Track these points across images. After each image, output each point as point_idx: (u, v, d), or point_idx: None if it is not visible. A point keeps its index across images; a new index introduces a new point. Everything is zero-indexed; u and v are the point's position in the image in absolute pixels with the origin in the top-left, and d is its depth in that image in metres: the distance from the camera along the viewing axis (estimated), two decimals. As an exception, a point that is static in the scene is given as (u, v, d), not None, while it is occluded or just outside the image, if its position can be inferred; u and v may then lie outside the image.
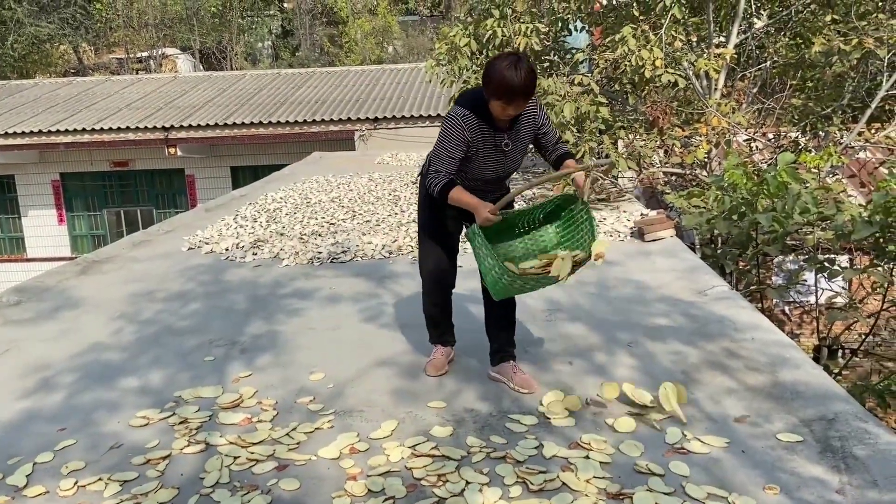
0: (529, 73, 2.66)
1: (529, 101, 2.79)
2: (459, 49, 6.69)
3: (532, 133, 2.93)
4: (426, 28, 25.51)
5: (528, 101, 2.70)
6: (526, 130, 2.90)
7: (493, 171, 2.92)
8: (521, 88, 2.63)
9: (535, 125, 2.91)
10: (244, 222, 6.58)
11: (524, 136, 2.92)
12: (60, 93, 15.93)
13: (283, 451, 2.53)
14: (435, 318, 3.23)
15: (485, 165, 2.89)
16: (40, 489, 2.36)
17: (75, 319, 4.15)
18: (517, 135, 2.89)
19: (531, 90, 2.68)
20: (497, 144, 2.86)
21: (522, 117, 2.87)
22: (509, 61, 2.66)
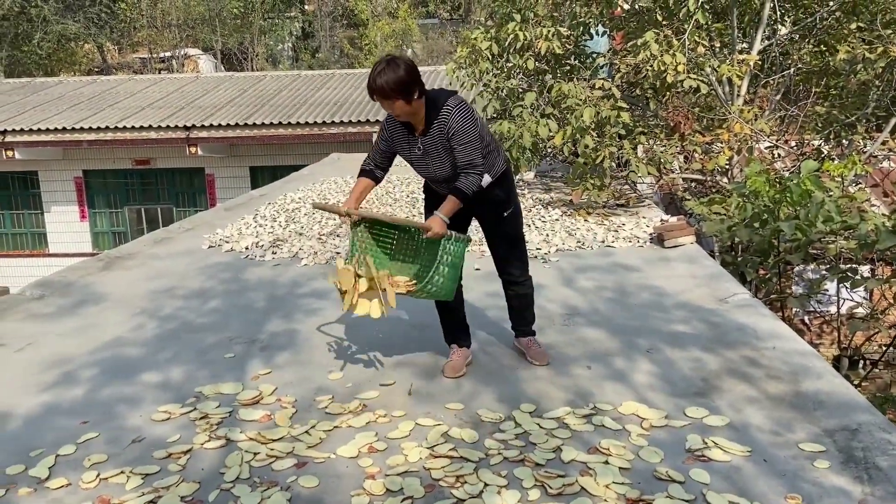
0: (380, 69, 2.75)
1: (445, 111, 2.85)
2: (480, 52, 6.69)
3: (446, 143, 2.89)
4: (446, 31, 25.56)
5: (386, 100, 2.77)
6: (439, 140, 2.90)
7: (423, 172, 3.06)
8: (369, 82, 2.77)
9: (444, 136, 2.88)
10: (263, 222, 6.62)
11: (438, 145, 2.92)
12: (84, 91, 16.12)
13: (302, 448, 2.54)
14: (445, 320, 3.30)
15: (413, 165, 3.07)
16: (62, 481, 2.38)
17: (97, 315, 4.19)
18: (431, 140, 2.93)
19: (379, 85, 2.73)
20: (411, 146, 3.00)
21: (436, 124, 2.88)
22: (378, 62, 2.82)
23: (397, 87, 2.74)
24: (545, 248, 5.20)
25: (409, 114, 2.86)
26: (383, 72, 2.74)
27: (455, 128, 2.85)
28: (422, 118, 2.90)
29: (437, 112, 2.88)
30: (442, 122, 2.87)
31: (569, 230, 5.66)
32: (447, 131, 2.86)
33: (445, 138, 2.88)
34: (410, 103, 2.81)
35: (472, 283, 4.48)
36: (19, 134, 13.49)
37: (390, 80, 2.73)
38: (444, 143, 2.90)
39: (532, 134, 6.04)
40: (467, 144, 2.86)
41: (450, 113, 2.86)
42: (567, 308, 3.98)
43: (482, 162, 2.91)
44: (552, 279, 4.53)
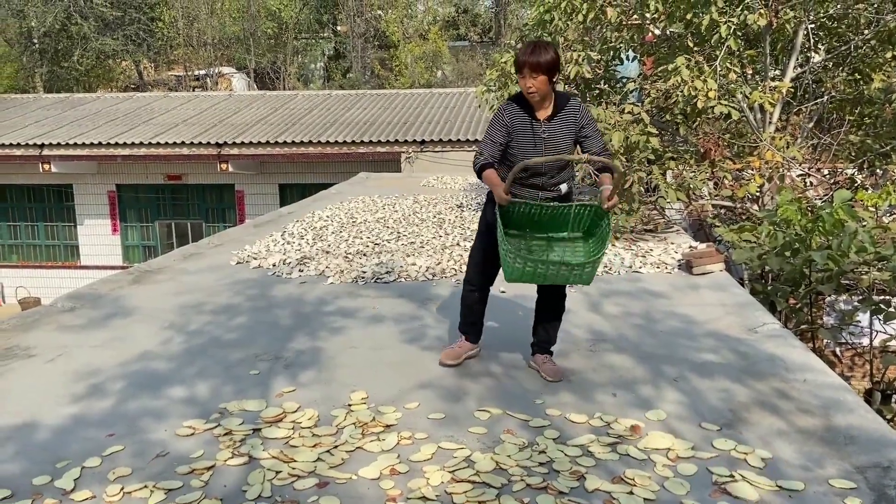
0: (537, 47, 3.04)
1: (574, 103, 3.17)
2: (510, 76, 6.72)
3: (573, 132, 3.17)
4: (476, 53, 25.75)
5: (536, 71, 3.01)
6: (567, 127, 3.16)
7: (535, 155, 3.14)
8: (523, 57, 3.04)
9: (576, 124, 3.16)
10: (291, 239, 6.68)
11: (564, 132, 3.16)
12: (121, 107, 16.49)
13: (324, 468, 2.54)
14: (469, 304, 3.47)
15: (525, 152, 3.15)
16: (87, 493, 2.40)
17: (126, 328, 4.25)
18: (556, 127, 3.15)
19: (536, 59, 3.00)
20: (535, 132, 3.14)
21: (564, 113, 3.15)
22: (529, 43, 3.12)
23: (548, 64, 3.04)
24: (571, 272, 5.17)
25: (543, 93, 3.09)
26: (537, 49, 3.05)
27: (589, 116, 3.20)
28: (549, 104, 3.15)
29: (566, 103, 3.18)
30: (572, 111, 3.16)
31: (596, 255, 5.63)
32: (579, 120, 3.16)
33: (574, 127, 3.16)
34: (550, 83, 3.09)
35: (498, 305, 4.47)
36: (56, 148, 13.83)
37: (545, 56, 3.03)
38: (570, 131, 3.16)
39: (560, 157, 6.04)
40: (599, 132, 3.24)
41: (579, 105, 3.21)
42: (593, 333, 3.94)
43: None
44: (578, 303, 4.50)
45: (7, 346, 3.85)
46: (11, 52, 22.09)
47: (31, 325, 4.29)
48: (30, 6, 19.82)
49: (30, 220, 15.86)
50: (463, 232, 6.64)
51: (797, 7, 6.41)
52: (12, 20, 20.62)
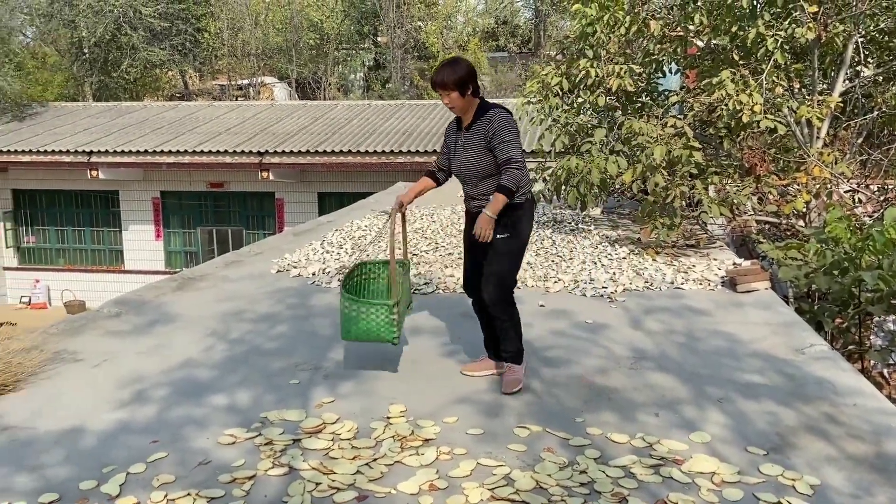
0: (445, 66, 3.22)
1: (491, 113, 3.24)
2: (550, 88, 6.71)
3: (483, 141, 3.25)
4: (514, 64, 25.75)
5: (444, 89, 3.19)
6: (478, 136, 3.27)
7: (456, 164, 3.38)
8: (433, 76, 3.26)
9: (485, 134, 3.23)
10: (330, 248, 6.74)
11: (475, 141, 3.28)
12: (166, 116, 16.87)
13: (363, 481, 2.54)
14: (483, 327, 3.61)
15: (452, 159, 3.41)
16: (132, 499, 2.44)
17: (170, 334, 4.32)
18: (470, 136, 3.30)
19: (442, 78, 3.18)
20: (456, 138, 3.39)
21: (479, 122, 3.27)
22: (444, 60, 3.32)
23: (455, 81, 3.19)
24: (611, 286, 5.11)
25: (461, 108, 3.28)
26: (446, 67, 3.23)
27: (496, 127, 3.21)
28: (471, 115, 3.30)
29: (485, 111, 3.28)
30: (486, 120, 3.24)
31: (636, 269, 5.56)
32: (489, 129, 3.22)
33: (485, 136, 3.23)
34: (464, 97, 3.24)
35: (537, 319, 4.44)
36: (104, 155, 14.20)
37: (450, 75, 3.19)
38: (480, 140, 3.25)
39: (600, 170, 5.99)
40: (506, 142, 3.19)
41: (495, 114, 3.24)
42: (634, 350, 3.89)
43: (521, 158, 3.22)
44: (618, 319, 4.44)
45: (56, 349, 3.95)
46: (63, 62, 22.79)
47: (79, 329, 4.40)
48: (81, 17, 20.43)
49: (77, 224, 16.29)
50: (501, 244, 6.61)
51: (847, 21, 6.27)
52: (64, 30, 21.28)
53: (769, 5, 6.27)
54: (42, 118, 16.83)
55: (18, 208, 16.21)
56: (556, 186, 6.53)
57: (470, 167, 3.32)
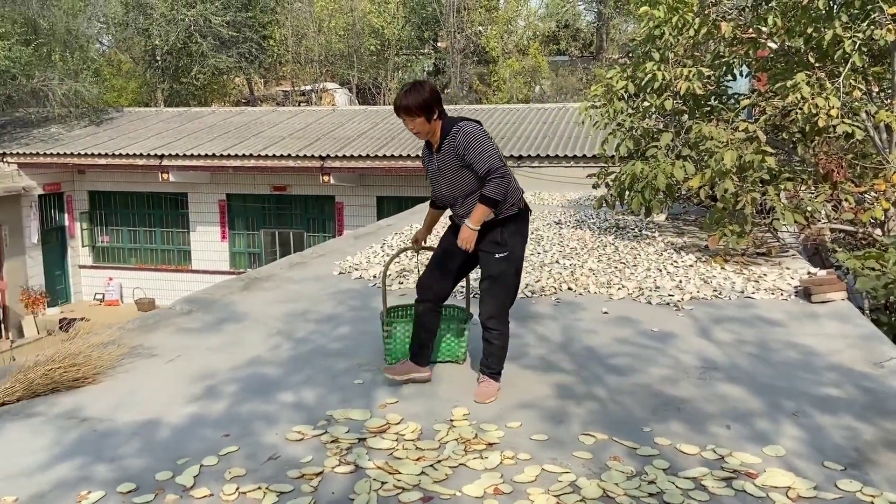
0: (409, 91, 3.13)
1: (454, 129, 3.15)
2: (615, 91, 6.62)
3: (456, 159, 3.17)
4: (576, 68, 25.51)
5: (408, 114, 3.13)
6: (450, 154, 3.19)
7: (437, 189, 3.33)
8: (396, 102, 3.17)
9: (456, 151, 3.16)
10: (391, 251, 6.81)
11: (448, 160, 3.20)
12: (233, 121, 17.35)
13: (428, 482, 2.55)
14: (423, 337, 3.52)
15: (432, 184, 3.36)
16: (205, 491, 2.51)
17: (238, 332, 4.44)
18: (443, 156, 3.22)
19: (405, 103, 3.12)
20: (430, 162, 3.32)
21: (447, 141, 3.18)
22: (405, 84, 3.20)
23: (419, 106, 3.11)
24: (678, 294, 5.00)
25: (427, 132, 3.20)
26: (410, 92, 3.14)
27: (464, 142, 3.12)
28: (438, 136, 3.22)
29: (449, 131, 3.20)
30: (451, 138, 3.16)
31: (704, 277, 5.43)
32: (457, 146, 3.14)
33: (456, 154, 3.15)
34: (430, 122, 3.17)
35: (600, 326, 4.38)
36: (174, 158, 14.69)
37: (415, 100, 3.11)
38: (454, 159, 3.17)
39: (667, 175, 5.87)
40: (481, 153, 3.11)
41: (459, 130, 3.16)
42: (703, 361, 3.79)
43: (502, 165, 3.12)
44: (685, 328, 4.34)
45: (132, 345, 4.10)
46: (137, 69, 23.71)
47: (153, 326, 4.55)
48: (154, 26, 21.22)
49: (148, 225, 16.90)
50: (562, 249, 6.55)
51: (931, 20, 5.99)
52: (138, 39, 22.14)
53: (846, 6, 6.05)
54: (117, 123, 17.53)
55: (94, 209, 16.91)
56: (619, 192, 6.44)
57: (450, 188, 3.25)
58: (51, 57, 17.37)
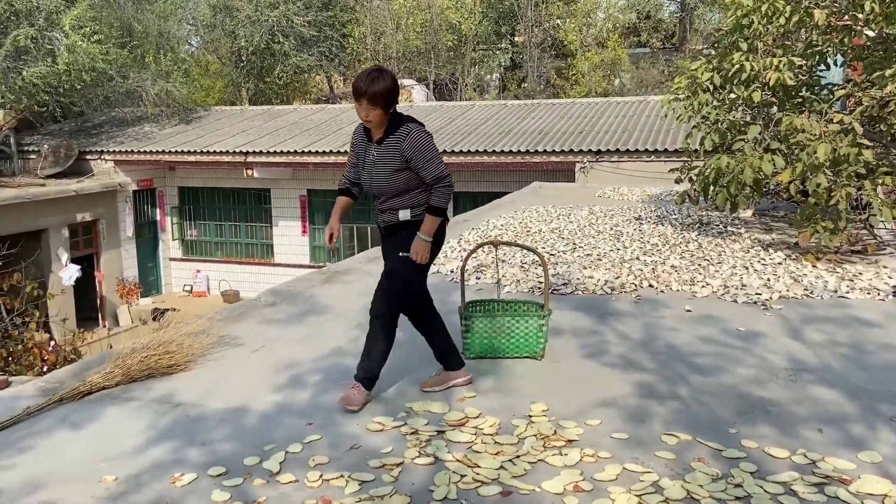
0: (376, 78, 2.97)
1: (406, 128, 3.06)
2: (700, 83, 6.41)
3: (398, 158, 3.07)
4: (657, 61, 24.84)
5: (372, 103, 2.97)
6: (392, 152, 3.08)
7: (367, 181, 3.20)
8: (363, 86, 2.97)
9: (400, 149, 3.06)
10: (467, 246, 6.82)
11: (389, 157, 3.09)
12: (314, 118, 17.77)
13: (507, 477, 2.55)
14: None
15: (362, 174, 3.22)
16: (291, 477, 2.60)
17: (320, 324, 4.56)
18: (384, 150, 3.10)
19: (372, 90, 2.95)
20: (367, 151, 3.18)
21: (392, 137, 3.08)
22: (369, 68, 3.06)
23: (385, 95, 3.00)
24: (766, 293, 4.81)
25: (379, 123, 3.09)
26: (378, 80, 2.99)
27: (416, 146, 3.05)
28: (383, 128, 3.11)
29: (398, 126, 3.09)
30: (401, 136, 3.07)
31: (794, 276, 5.21)
32: (404, 149, 3.05)
33: (401, 155, 3.06)
34: (386, 113, 3.07)
35: (683, 324, 4.28)
36: (258, 155, 15.17)
37: (382, 89, 2.98)
38: (397, 159, 3.07)
39: (754, 170, 5.65)
40: (430, 160, 3.06)
41: (410, 130, 3.07)
42: (793, 362, 3.64)
43: (449, 174, 3.10)
44: (774, 328, 4.18)
45: (221, 334, 4.27)
46: (223, 70, 24.61)
47: (239, 317, 4.73)
48: (240, 27, 21.96)
49: (233, 220, 17.53)
50: (643, 245, 6.42)
51: None
52: (225, 40, 22.97)
53: (954, -12, 5.66)
54: (205, 121, 18.24)
55: (184, 204, 17.67)
56: (703, 187, 6.24)
57: (382, 184, 3.14)
58: (144, 59, 18.22)
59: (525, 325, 3.73)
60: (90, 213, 15.16)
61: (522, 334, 3.74)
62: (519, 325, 3.73)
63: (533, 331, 3.73)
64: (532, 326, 3.73)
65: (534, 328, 3.73)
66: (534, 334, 3.73)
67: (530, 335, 3.74)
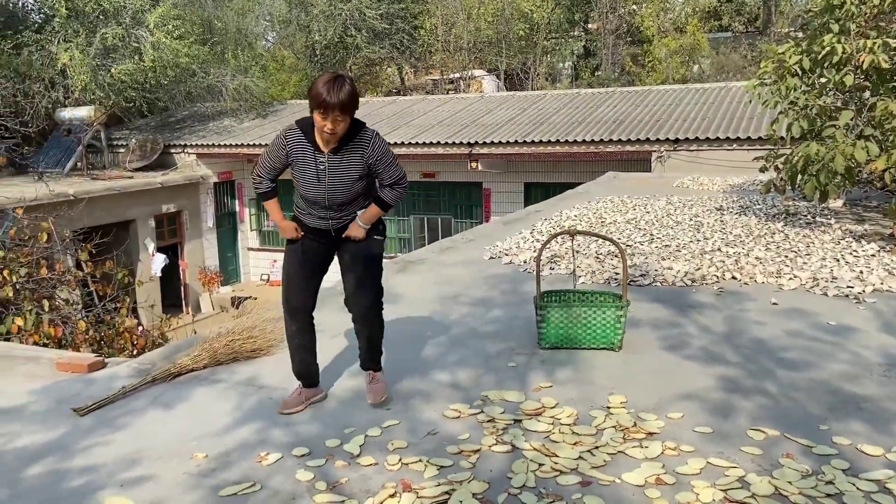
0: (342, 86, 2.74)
1: (367, 135, 2.92)
2: (788, 67, 6.14)
3: (361, 165, 2.93)
4: (739, 45, 23.91)
5: (343, 112, 2.76)
6: (354, 160, 2.92)
7: (314, 192, 2.96)
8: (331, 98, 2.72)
9: (365, 156, 2.93)
10: (540, 237, 6.77)
11: (350, 164, 2.93)
12: (385, 110, 17.96)
13: (586, 467, 2.53)
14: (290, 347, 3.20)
15: (306, 184, 2.96)
16: (371, 460, 2.65)
17: (394, 313, 4.60)
18: (341, 158, 2.92)
19: (343, 100, 2.73)
20: (315, 162, 2.92)
21: (352, 144, 2.91)
22: (329, 76, 2.81)
23: (356, 102, 2.80)
24: (858, 286, 4.59)
25: (343, 131, 2.87)
26: (343, 87, 2.76)
27: (380, 151, 2.95)
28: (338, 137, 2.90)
29: (356, 133, 2.93)
30: (363, 143, 2.92)
31: (889, 268, 4.94)
32: (370, 155, 2.93)
33: (364, 161, 2.93)
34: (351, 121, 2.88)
35: (770, 318, 4.13)
36: (332, 147, 15.48)
37: (351, 96, 2.77)
38: (357, 163, 2.93)
39: (846, 157, 5.38)
40: (392, 163, 2.99)
41: (372, 137, 2.95)
42: (888, 357, 3.46)
43: (405, 175, 3.05)
44: (867, 322, 3.98)
45: (300, 320, 4.37)
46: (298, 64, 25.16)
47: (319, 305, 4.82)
48: (314, 22, 22.40)
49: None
50: (724, 236, 6.22)
51: None
52: (300, 35, 23.47)
53: None
54: (281, 115, 18.70)
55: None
56: (790, 175, 5.98)
57: (343, 194, 2.96)
58: (224, 55, 18.81)
59: (602, 316, 3.68)
60: (174, 205, 15.80)
61: (600, 325, 3.69)
62: (596, 315, 3.68)
63: (611, 321, 3.67)
64: (610, 317, 3.67)
65: (611, 319, 3.67)
66: (611, 325, 3.68)
67: (608, 326, 3.68)
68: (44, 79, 15.32)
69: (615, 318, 3.67)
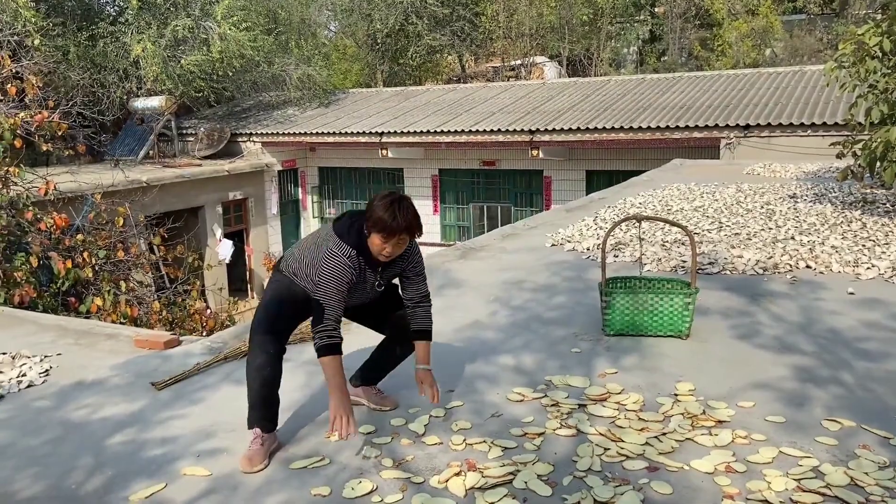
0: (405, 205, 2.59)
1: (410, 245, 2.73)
2: (868, 49, 5.86)
3: (395, 274, 2.81)
4: (815, 27, 22.93)
5: (411, 235, 2.63)
6: (398, 268, 2.80)
7: (362, 300, 2.82)
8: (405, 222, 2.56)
9: (404, 264, 2.79)
10: (604, 224, 6.68)
11: (395, 274, 2.82)
12: (445, 98, 17.97)
13: (653, 453, 2.50)
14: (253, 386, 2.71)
15: (356, 298, 2.77)
16: (435, 439, 2.68)
17: (457, 297, 4.64)
18: (391, 271, 2.80)
19: (413, 226, 2.60)
20: (373, 280, 2.75)
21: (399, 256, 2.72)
22: (388, 199, 2.60)
23: (419, 224, 2.66)
24: (941, 277, 4.38)
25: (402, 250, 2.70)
26: (410, 209, 2.60)
27: (416, 260, 2.82)
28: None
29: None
30: (405, 253, 2.75)
31: (976, 258, 4.69)
32: (408, 263, 2.80)
33: (401, 272, 2.82)
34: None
35: (846, 308, 3.98)
36: (393, 136, 15.57)
37: (417, 217, 2.63)
38: (399, 270, 2.81)
39: (930, 142, 5.12)
40: (423, 274, 2.86)
41: (413, 247, 2.80)
42: (976, 351, 3.29)
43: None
44: (952, 314, 3.79)
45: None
46: (360, 53, 25.40)
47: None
48: (376, 10, 22.56)
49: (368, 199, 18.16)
50: (798, 225, 6.01)
51: None
52: (361, 24, 23.68)
53: None
54: (343, 104, 18.94)
55: (323, 184, 18.50)
56: (869, 162, 5.74)
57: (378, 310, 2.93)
58: (288, 45, 19.14)
59: (670, 303, 3.61)
60: (240, 192, 16.22)
61: (667, 312, 3.62)
62: (663, 302, 3.62)
63: (678, 309, 3.60)
64: (677, 304, 3.60)
65: (679, 306, 3.60)
66: (679, 312, 3.61)
67: (675, 313, 3.61)
68: (118, 69, 15.91)
69: (683, 306, 3.59)
